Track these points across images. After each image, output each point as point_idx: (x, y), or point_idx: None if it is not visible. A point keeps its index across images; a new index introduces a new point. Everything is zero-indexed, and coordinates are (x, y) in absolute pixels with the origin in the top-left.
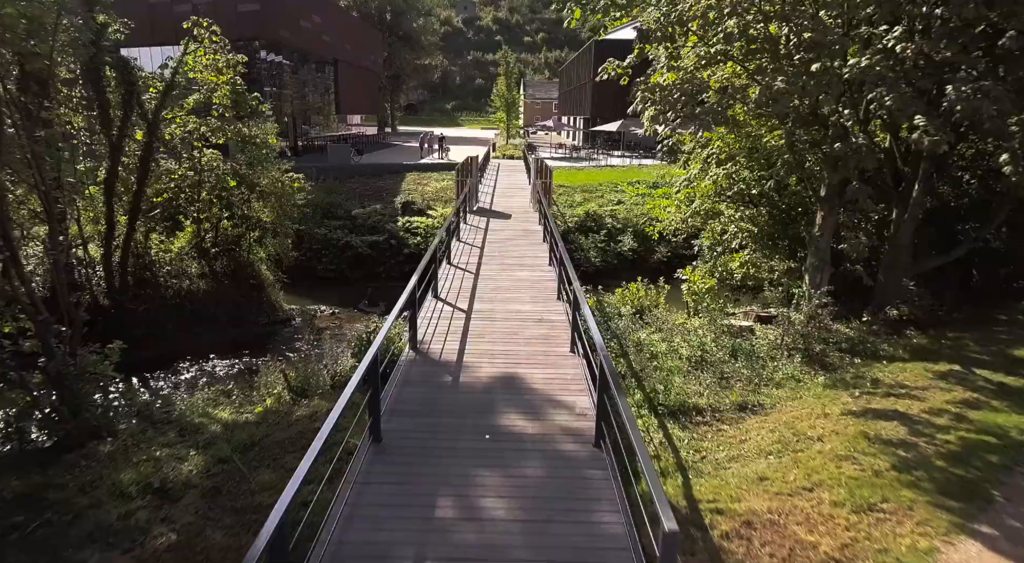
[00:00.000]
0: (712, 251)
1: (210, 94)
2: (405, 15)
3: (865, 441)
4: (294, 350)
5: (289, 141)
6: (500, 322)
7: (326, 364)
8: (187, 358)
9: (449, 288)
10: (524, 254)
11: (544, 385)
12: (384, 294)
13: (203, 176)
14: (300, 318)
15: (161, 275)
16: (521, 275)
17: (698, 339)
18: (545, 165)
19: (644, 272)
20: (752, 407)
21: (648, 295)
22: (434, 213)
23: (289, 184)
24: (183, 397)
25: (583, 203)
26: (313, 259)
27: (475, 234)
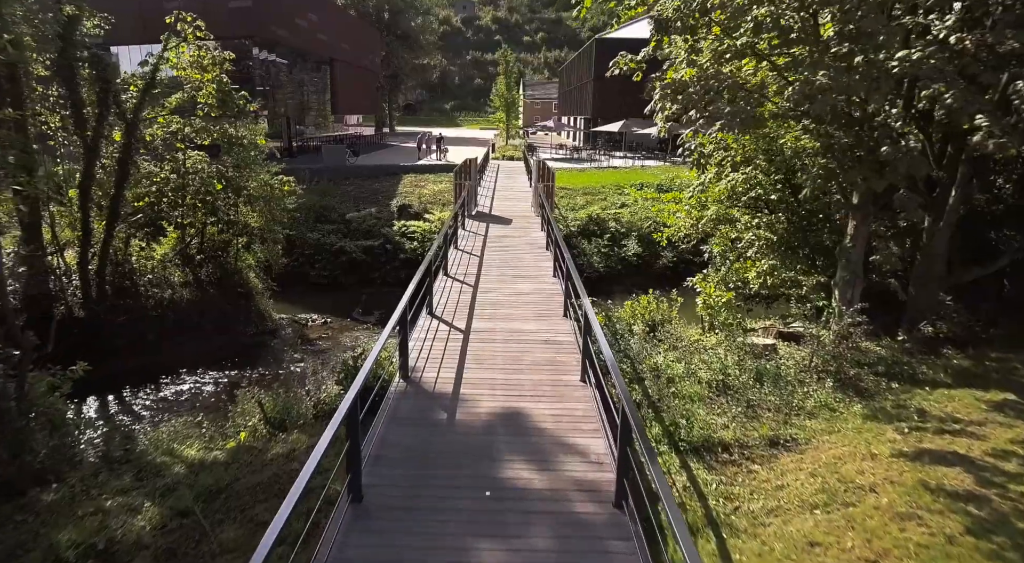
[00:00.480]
0: (724, 258)
1: (194, 93)
2: (403, 14)
3: (927, 494)
4: (282, 362)
5: (283, 142)
6: (501, 344)
7: (309, 391)
8: (169, 372)
9: (445, 304)
10: (526, 264)
11: (553, 423)
12: (379, 301)
13: (187, 179)
14: (290, 328)
15: (142, 284)
16: (523, 288)
17: (719, 362)
18: (547, 167)
19: (649, 278)
20: (785, 442)
21: (659, 308)
22: (431, 217)
23: (279, 187)
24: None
25: (585, 206)
26: (305, 265)
27: (474, 241)
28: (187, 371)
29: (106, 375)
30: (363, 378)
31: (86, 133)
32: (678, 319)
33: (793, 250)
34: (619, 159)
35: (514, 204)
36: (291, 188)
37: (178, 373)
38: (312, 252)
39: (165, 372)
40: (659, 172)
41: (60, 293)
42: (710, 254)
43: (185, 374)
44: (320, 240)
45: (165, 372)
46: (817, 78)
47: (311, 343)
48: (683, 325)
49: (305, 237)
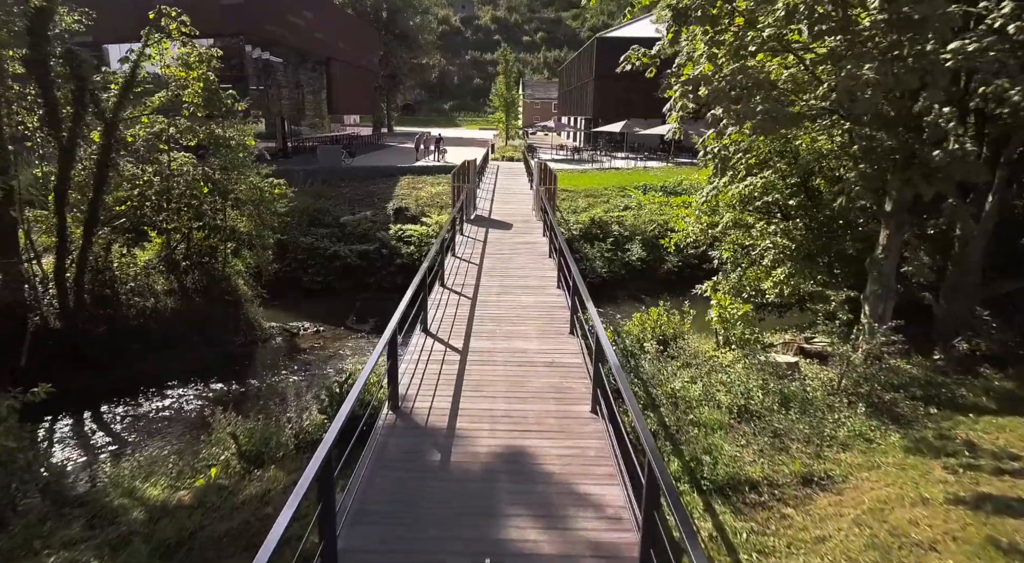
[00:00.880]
0: (736, 265)
1: (179, 91)
2: (402, 13)
3: (1000, 555)
4: (270, 375)
5: (278, 142)
6: (502, 367)
7: (290, 418)
8: (151, 385)
9: (441, 319)
10: (528, 273)
11: (561, 466)
12: (374, 308)
13: (172, 182)
14: (281, 337)
15: (123, 292)
16: (525, 301)
17: (741, 384)
18: (549, 170)
19: (654, 283)
20: (819, 480)
21: (670, 321)
22: (429, 220)
23: (269, 190)
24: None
25: (588, 209)
26: (298, 270)
27: (472, 247)
28: (170, 384)
29: (84, 388)
30: (341, 422)
31: (61, 134)
32: (690, 331)
33: (811, 258)
34: (621, 160)
35: (514, 207)
36: (282, 191)
37: (161, 386)
38: (305, 257)
39: (147, 385)
40: (662, 173)
41: (35, 302)
42: (719, 260)
43: (168, 387)
44: (314, 244)
45: (147, 385)
46: (862, 72)
47: (302, 353)
48: (696, 338)
49: (298, 241)
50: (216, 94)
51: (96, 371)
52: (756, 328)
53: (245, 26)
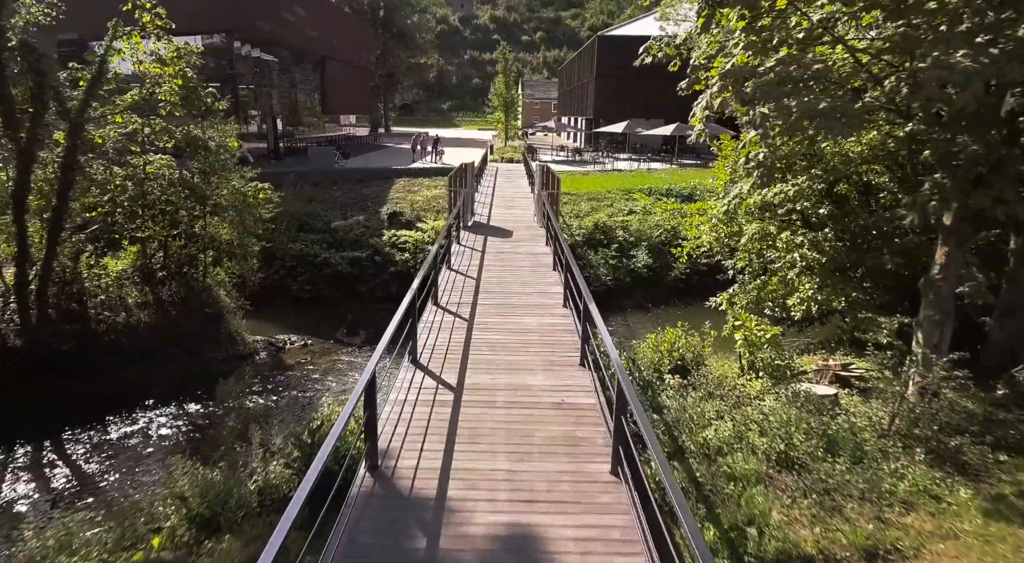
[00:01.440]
0: (754, 276)
1: (154, 89)
2: (399, 11)
3: None
4: (251, 394)
5: (269, 143)
6: (503, 410)
7: (256, 469)
8: (122, 406)
9: (433, 347)
10: (530, 289)
11: (580, 555)
12: (366, 318)
13: (146, 187)
14: (265, 352)
15: (92, 305)
16: (528, 323)
17: (777, 421)
18: (552, 173)
19: (661, 291)
20: (887, 555)
21: (688, 344)
22: (425, 226)
23: (252, 194)
24: (28, 535)
25: (591, 213)
26: (286, 277)
27: (470, 259)
28: (142, 406)
29: (49, 410)
30: (301, 502)
31: (19, 135)
32: (710, 350)
33: (843, 273)
34: (623, 161)
35: (515, 213)
36: (267, 195)
37: (131, 408)
38: (294, 264)
39: (116, 407)
40: (667, 176)
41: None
42: (734, 270)
43: (138, 410)
44: (303, 251)
45: (116, 407)
46: (958, 59)
47: (287, 370)
48: (716, 359)
49: (287, 247)
50: (194, 92)
51: (62, 392)
52: (785, 352)
53: (236, 23)
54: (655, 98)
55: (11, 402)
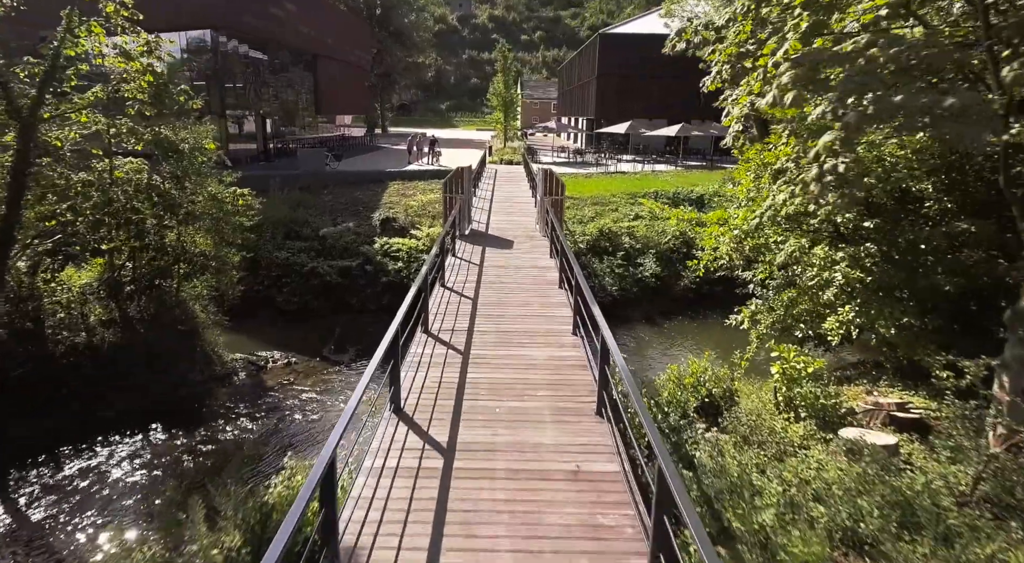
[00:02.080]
0: (778, 290)
1: (119, 86)
2: (396, 10)
3: None
4: (226, 422)
5: (259, 145)
6: (504, 483)
7: (201, 548)
8: (81, 438)
9: (421, 390)
10: (535, 312)
11: None
12: (355, 333)
13: (112, 194)
14: (245, 371)
15: (50, 324)
16: (534, 357)
17: (836, 485)
18: (555, 178)
19: (670, 301)
20: None
21: (715, 378)
22: (419, 232)
23: (231, 201)
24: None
25: (595, 218)
26: (272, 288)
27: (466, 274)
28: (104, 437)
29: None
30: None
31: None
32: (740, 386)
33: (888, 294)
34: (627, 163)
35: (515, 220)
36: (247, 202)
37: (93, 439)
38: (279, 274)
39: (77, 438)
40: (673, 178)
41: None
42: (753, 283)
43: (100, 442)
44: (289, 260)
45: (77, 438)
46: None
47: (268, 393)
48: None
49: (272, 256)
50: (165, 90)
51: (15, 420)
52: (829, 387)
53: (220, 18)
54: (658, 98)
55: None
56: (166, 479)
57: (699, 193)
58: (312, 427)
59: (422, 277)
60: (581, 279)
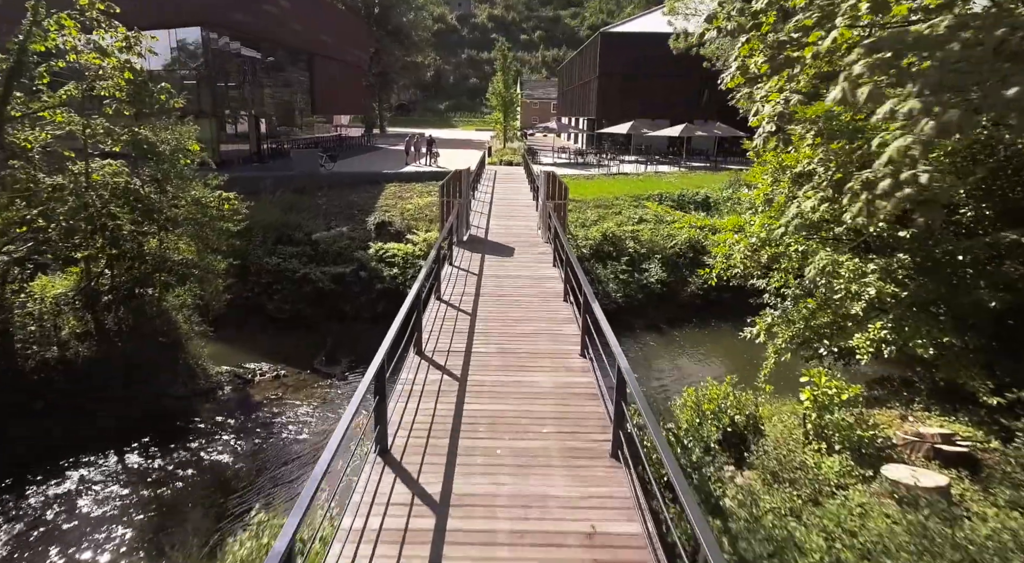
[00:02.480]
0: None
1: (94, 83)
2: (395, 9)
3: None
4: (208, 443)
5: (252, 146)
6: (509, 549)
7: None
8: (52, 460)
9: (412, 425)
10: (539, 328)
11: None
12: (349, 343)
13: (88, 198)
14: (231, 385)
15: (19, 337)
16: (539, 384)
17: (888, 540)
18: (559, 181)
19: (676, 308)
20: None
21: (735, 401)
22: (416, 237)
23: (216, 205)
24: None
25: (598, 222)
26: (262, 295)
27: (464, 286)
28: (76, 459)
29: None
30: None
31: None
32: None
33: (924, 309)
34: (630, 164)
35: (516, 225)
36: (233, 206)
37: (66, 462)
38: (270, 280)
39: (47, 460)
40: (677, 180)
41: None
42: (769, 292)
43: (71, 465)
44: (280, 265)
45: (47, 460)
46: None
47: (255, 409)
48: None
49: (262, 262)
50: (144, 88)
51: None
52: (864, 415)
53: (210, 14)
54: (660, 97)
55: None
56: (136, 510)
57: (704, 195)
58: (298, 449)
59: (415, 293)
60: (590, 295)
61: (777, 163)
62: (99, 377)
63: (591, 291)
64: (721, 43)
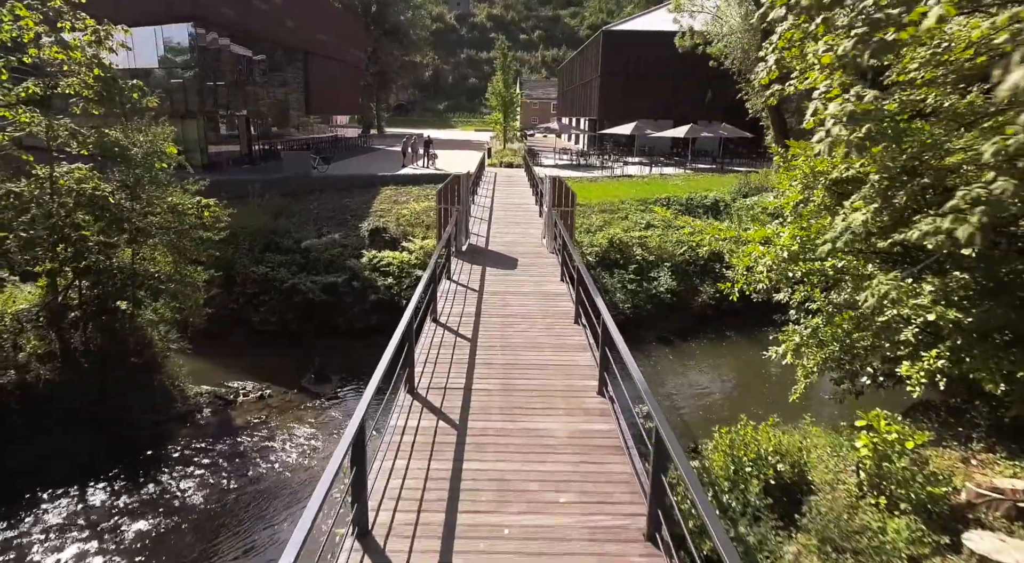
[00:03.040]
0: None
1: (56, 80)
2: (392, 7)
3: None
4: (182, 476)
5: (242, 147)
6: None
7: None
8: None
9: (399, 496)
10: (549, 359)
11: None
12: (341, 358)
13: (50, 206)
14: (211, 407)
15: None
16: (553, 432)
17: None
18: (565, 187)
19: (687, 318)
20: None
21: (776, 443)
22: (412, 245)
23: (194, 213)
24: None
25: (603, 227)
26: (247, 306)
27: (462, 305)
28: (31, 497)
29: None
30: None
31: None
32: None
33: (988, 336)
34: (634, 166)
35: (519, 232)
36: (214, 213)
37: (17, 502)
38: (256, 290)
39: None
40: (683, 183)
41: None
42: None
43: (24, 506)
44: (268, 275)
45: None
46: None
47: (236, 434)
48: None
49: (248, 271)
50: (114, 84)
51: None
52: (920, 457)
53: (196, 9)
54: (664, 97)
55: None
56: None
57: (714, 199)
58: (280, 483)
59: (407, 321)
60: (610, 323)
61: (808, 168)
62: (62, 402)
63: (611, 318)
64: (730, 41)
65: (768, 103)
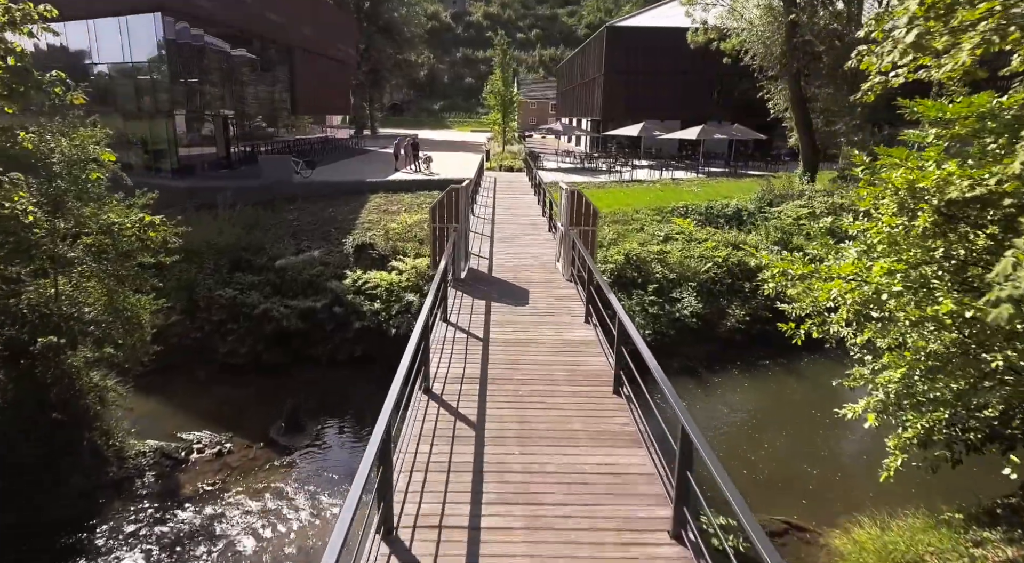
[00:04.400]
0: (932, 376)
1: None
2: (386, 3)
3: None
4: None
5: (219, 149)
6: None
7: None
8: None
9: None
10: (585, 464)
11: None
12: (318, 400)
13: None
14: (155, 469)
15: None
16: None
17: None
18: (586, 203)
19: (714, 344)
20: None
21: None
22: (402, 264)
23: (135, 233)
24: None
25: (617, 241)
26: (213, 335)
27: (462, 363)
28: None
29: None
30: None
31: None
32: None
33: None
34: (644, 170)
35: (525, 253)
36: (164, 231)
37: None
38: (224, 317)
39: None
40: (699, 188)
41: None
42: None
43: None
44: (237, 299)
45: None
46: None
47: (181, 508)
48: None
49: (214, 294)
50: (27, 76)
51: None
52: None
53: None
54: (671, 96)
55: None
56: None
57: (736, 207)
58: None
59: (384, 426)
60: (692, 430)
61: (904, 182)
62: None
63: (691, 420)
64: (748, 35)
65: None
